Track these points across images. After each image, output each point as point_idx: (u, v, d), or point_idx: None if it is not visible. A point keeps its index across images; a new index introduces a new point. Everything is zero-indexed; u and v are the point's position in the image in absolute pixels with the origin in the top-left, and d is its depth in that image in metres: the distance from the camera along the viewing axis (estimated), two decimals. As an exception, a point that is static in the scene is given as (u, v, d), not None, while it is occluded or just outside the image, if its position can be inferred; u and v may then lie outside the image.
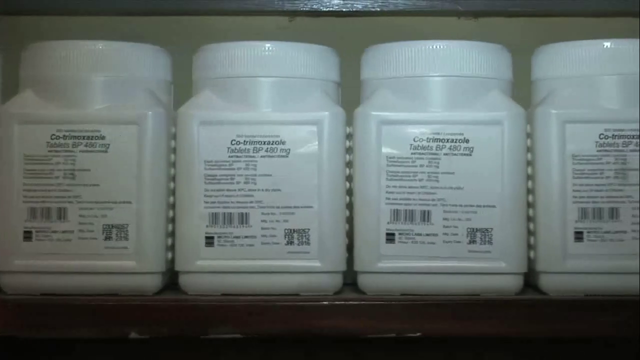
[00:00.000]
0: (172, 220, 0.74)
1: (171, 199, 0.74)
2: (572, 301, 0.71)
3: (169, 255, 0.74)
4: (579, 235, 0.72)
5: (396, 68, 0.75)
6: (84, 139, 0.73)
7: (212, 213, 0.73)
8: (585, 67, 0.75)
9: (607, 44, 0.75)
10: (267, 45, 0.76)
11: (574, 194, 0.73)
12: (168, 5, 0.96)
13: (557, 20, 0.98)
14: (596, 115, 0.73)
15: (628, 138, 0.73)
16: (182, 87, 0.80)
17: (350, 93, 0.79)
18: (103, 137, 0.73)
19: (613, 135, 0.73)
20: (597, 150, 0.73)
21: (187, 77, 0.78)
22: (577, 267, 0.72)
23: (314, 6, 0.99)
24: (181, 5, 0.97)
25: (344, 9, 0.98)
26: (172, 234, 0.74)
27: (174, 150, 0.75)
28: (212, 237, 0.73)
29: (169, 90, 0.79)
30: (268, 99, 0.75)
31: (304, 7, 0.98)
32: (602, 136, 0.73)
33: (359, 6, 0.99)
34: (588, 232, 0.72)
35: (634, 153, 0.73)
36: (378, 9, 0.98)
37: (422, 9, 0.98)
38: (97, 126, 0.74)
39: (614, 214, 0.72)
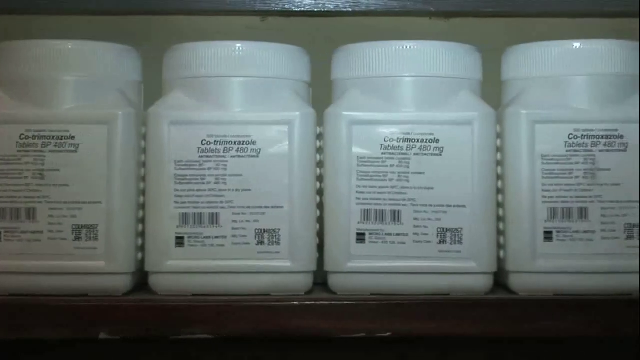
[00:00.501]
0: (142, 220, 0.74)
1: (141, 199, 0.74)
2: (541, 301, 0.72)
3: (139, 255, 0.74)
4: (548, 235, 0.73)
5: (367, 68, 0.75)
6: (53, 139, 0.73)
7: (182, 213, 0.73)
8: (555, 68, 0.75)
9: (576, 44, 0.76)
10: (238, 45, 0.76)
11: (544, 194, 0.73)
12: (139, 4, 0.96)
13: (527, 21, 0.98)
14: (565, 115, 0.74)
15: (597, 138, 0.73)
16: (153, 87, 0.79)
17: (321, 93, 0.79)
18: (72, 137, 0.73)
19: (582, 135, 0.73)
20: (567, 151, 0.73)
21: (158, 77, 0.78)
22: (547, 266, 0.73)
23: (286, 6, 0.99)
24: (152, 4, 0.97)
25: (315, 9, 0.98)
26: (142, 234, 0.74)
27: (144, 151, 0.74)
28: (182, 238, 0.73)
29: (139, 90, 0.79)
30: (239, 99, 0.74)
31: (275, 7, 0.98)
32: (571, 136, 0.73)
33: (330, 6, 0.99)
34: (557, 232, 0.73)
35: (603, 153, 0.73)
36: (349, 9, 0.98)
37: (393, 10, 0.99)
38: (66, 126, 0.73)
39: (583, 213, 0.73)
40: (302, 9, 0.98)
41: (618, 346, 0.86)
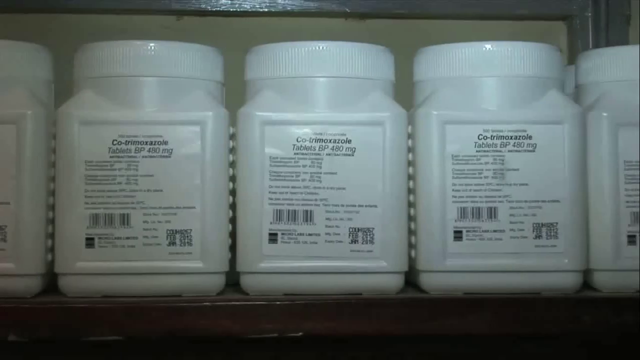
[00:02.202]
0: (52, 221, 0.73)
1: (51, 199, 0.73)
2: (451, 300, 0.73)
3: (49, 257, 0.73)
4: (458, 235, 0.74)
5: (280, 68, 0.76)
6: (-39, 139, 0.72)
7: (93, 214, 0.72)
8: (465, 69, 0.76)
9: (487, 46, 0.76)
10: (151, 44, 0.75)
11: (454, 193, 0.74)
12: (51, 2, 0.95)
13: (440, 23, 0.99)
14: (475, 116, 0.75)
15: (506, 139, 0.74)
16: (65, 86, 0.78)
17: (236, 93, 0.79)
18: (-19, 137, 0.72)
19: (491, 136, 0.74)
20: (476, 151, 0.74)
21: (71, 76, 0.77)
22: (456, 265, 0.74)
23: (202, 6, 0.99)
24: (65, 3, 0.96)
25: (231, 9, 0.98)
26: (52, 236, 0.73)
27: (54, 150, 0.73)
28: (93, 239, 0.72)
29: (50, 89, 0.78)
30: (151, 98, 0.74)
31: (191, 6, 0.98)
32: (480, 137, 0.74)
33: (246, 6, 0.99)
34: (467, 232, 0.74)
35: (512, 153, 0.74)
36: (266, 10, 0.99)
37: (309, 10, 0.99)
38: (-25, 126, 0.72)
39: (492, 213, 0.74)
40: (218, 8, 0.98)
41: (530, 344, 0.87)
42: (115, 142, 0.73)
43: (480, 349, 0.87)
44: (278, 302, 0.71)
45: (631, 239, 0.75)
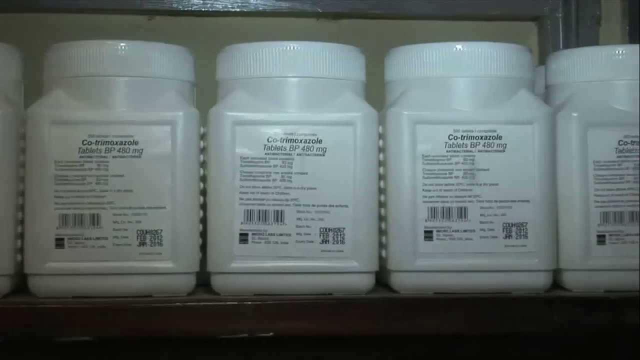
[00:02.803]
0: (22, 222, 0.73)
1: (20, 200, 0.73)
2: (422, 299, 0.73)
3: (19, 257, 0.73)
4: (428, 235, 0.74)
5: (251, 68, 0.75)
6: None
7: (63, 214, 0.72)
8: (436, 69, 0.76)
9: (458, 46, 0.77)
10: (121, 44, 0.75)
11: (424, 193, 0.74)
12: (22, 1, 0.94)
13: (413, 23, 1.00)
14: (445, 116, 0.75)
15: (476, 139, 0.74)
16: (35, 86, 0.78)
17: (208, 93, 0.79)
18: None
19: (462, 136, 0.74)
20: (447, 151, 0.74)
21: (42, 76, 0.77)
22: (427, 265, 0.74)
23: (174, 5, 0.98)
24: (37, 2, 0.95)
25: (203, 9, 0.98)
26: (21, 236, 0.73)
27: (24, 151, 0.73)
28: (63, 239, 0.72)
29: (20, 89, 0.77)
30: (121, 98, 0.74)
31: (163, 6, 0.98)
32: (451, 137, 0.74)
33: (218, 6, 0.99)
34: (437, 231, 0.74)
35: (482, 153, 0.74)
36: (238, 10, 0.99)
37: (281, 10, 0.99)
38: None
39: (462, 213, 0.74)
40: (190, 8, 0.98)
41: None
42: (85, 142, 0.72)
43: (449, 349, 0.87)
44: (249, 302, 0.71)
45: (600, 239, 0.75)
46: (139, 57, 0.75)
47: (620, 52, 0.78)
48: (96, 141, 0.72)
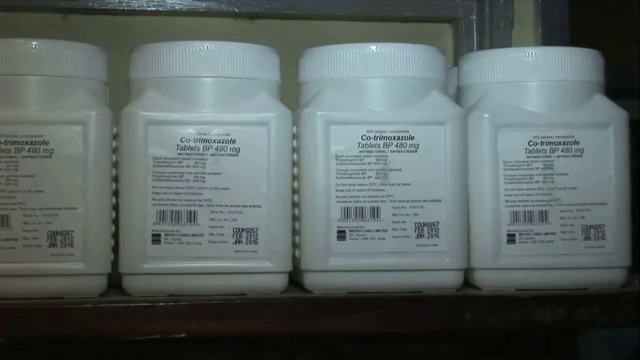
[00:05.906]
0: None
1: None
2: (335, 299, 0.73)
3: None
4: (341, 234, 0.74)
5: (164, 68, 0.75)
6: None
7: (-29, 215, 0.71)
8: (350, 70, 0.77)
9: (371, 47, 0.77)
10: (33, 43, 0.74)
11: (337, 193, 0.74)
12: None
13: (330, 24, 1.00)
14: (359, 116, 0.75)
15: (389, 139, 0.75)
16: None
17: (122, 93, 0.78)
18: None
19: (375, 136, 0.75)
20: (360, 151, 0.75)
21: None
22: (340, 265, 0.74)
23: (88, 4, 0.97)
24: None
25: (118, 8, 0.97)
26: None
27: None
28: (-29, 240, 0.71)
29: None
30: (31, 98, 0.73)
31: (77, 4, 0.97)
32: (364, 137, 0.75)
33: (134, 5, 0.98)
34: (350, 231, 0.74)
35: (395, 154, 0.75)
36: (154, 9, 0.98)
37: (198, 10, 0.99)
38: None
39: (375, 213, 0.75)
40: (105, 7, 0.97)
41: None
42: (-6, 142, 0.71)
43: (368, 349, 0.88)
44: (161, 303, 0.71)
45: (511, 238, 0.76)
46: (50, 56, 0.74)
47: (531, 53, 0.79)
48: (5, 141, 0.71)
